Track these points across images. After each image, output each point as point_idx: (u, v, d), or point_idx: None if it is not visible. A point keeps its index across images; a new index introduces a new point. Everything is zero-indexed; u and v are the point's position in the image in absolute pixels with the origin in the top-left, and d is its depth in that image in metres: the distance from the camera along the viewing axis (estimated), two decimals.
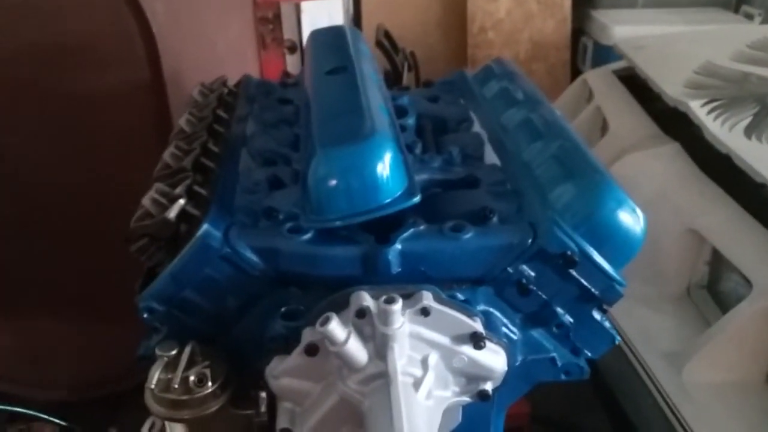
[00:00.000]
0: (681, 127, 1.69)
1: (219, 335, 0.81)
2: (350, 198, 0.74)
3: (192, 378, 0.75)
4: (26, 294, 1.68)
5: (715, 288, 1.49)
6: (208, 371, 0.76)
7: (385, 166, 0.75)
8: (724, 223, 1.40)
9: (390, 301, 0.69)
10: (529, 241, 0.76)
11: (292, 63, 2.57)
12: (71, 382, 1.79)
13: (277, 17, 2.50)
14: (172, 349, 0.76)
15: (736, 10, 3.17)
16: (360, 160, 0.74)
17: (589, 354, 0.86)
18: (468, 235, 0.76)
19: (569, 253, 0.76)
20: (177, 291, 0.77)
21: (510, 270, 0.78)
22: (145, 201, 0.81)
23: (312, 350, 0.72)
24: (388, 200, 0.75)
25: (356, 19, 3.12)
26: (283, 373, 0.74)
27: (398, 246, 0.75)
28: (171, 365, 0.76)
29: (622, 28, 2.90)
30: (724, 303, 1.45)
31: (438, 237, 0.77)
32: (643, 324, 1.45)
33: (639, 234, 0.80)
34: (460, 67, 3.22)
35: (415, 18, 3.15)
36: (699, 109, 1.60)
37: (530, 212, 0.80)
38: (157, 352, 0.76)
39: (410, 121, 0.99)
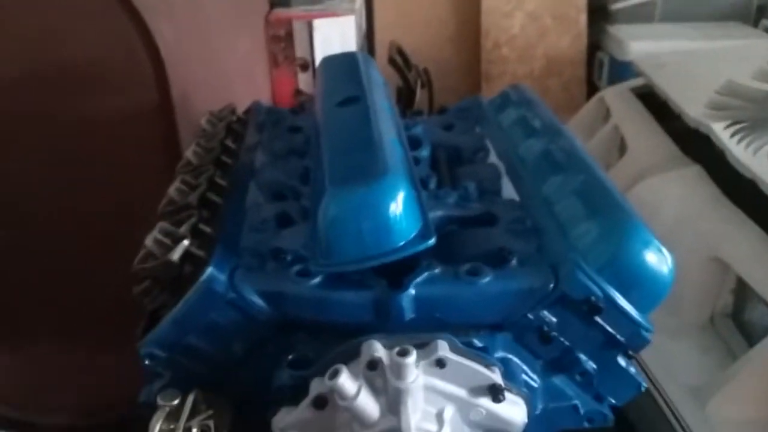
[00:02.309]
0: (702, 148, 1.64)
1: (224, 381, 0.78)
2: (362, 241, 0.70)
3: (195, 429, 0.71)
4: (30, 318, 1.65)
5: (740, 317, 1.43)
6: (211, 422, 0.72)
7: (398, 207, 0.71)
8: (749, 251, 1.35)
9: (403, 353, 0.65)
10: (551, 286, 0.72)
11: (304, 81, 2.55)
12: (77, 407, 1.75)
13: (289, 35, 2.48)
14: (175, 398, 0.73)
15: (755, 24, 3.11)
16: (373, 201, 0.70)
17: (613, 401, 0.82)
18: (486, 280, 0.72)
19: (593, 299, 0.72)
20: (180, 337, 0.74)
21: (530, 316, 0.73)
22: (148, 241, 0.78)
23: (320, 403, 0.68)
24: (402, 243, 0.71)
25: (369, 36, 3.09)
26: (291, 426, 0.70)
27: (412, 291, 0.72)
28: (173, 415, 0.72)
29: (638, 44, 2.84)
30: (749, 333, 1.40)
31: (454, 281, 0.73)
32: (665, 355, 1.40)
33: (667, 276, 0.76)
34: (474, 83, 3.18)
35: (429, 34, 3.12)
36: (722, 132, 1.55)
37: (551, 253, 0.76)
38: (159, 401, 0.73)
39: (424, 152, 0.96)
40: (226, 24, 1.93)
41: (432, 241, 0.72)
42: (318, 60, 2.51)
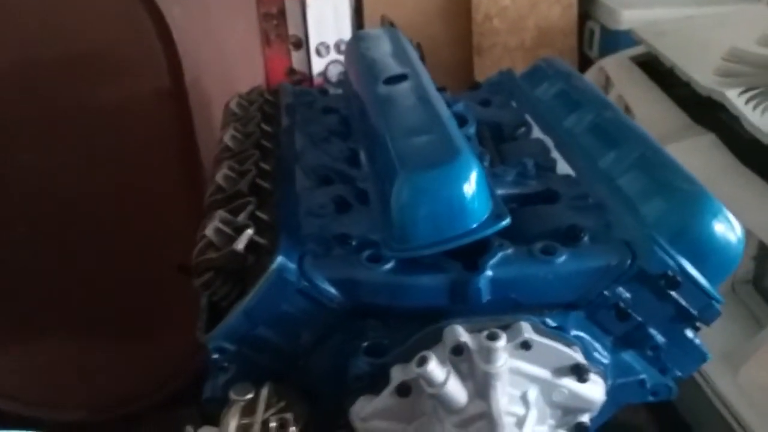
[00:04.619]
0: (713, 116, 1.64)
1: (291, 372, 0.76)
2: (438, 224, 0.68)
3: (273, 423, 0.69)
4: (41, 311, 1.62)
5: (762, 283, 1.45)
6: (290, 415, 0.70)
7: (472, 188, 0.69)
8: None
9: (493, 337, 0.64)
10: (628, 261, 0.71)
11: (297, 59, 2.50)
12: (88, 403, 1.73)
13: (282, 13, 2.42)
14: (248, 392, 0.71)
15: None
16: (448, 183, 0.68)
17: (679, 373, 0.81)
18: (561, 258, 0.71)
19: (671, 273, 0.71)
20: (250, 329, 0.72)
21: (606, 293, 0.73)
22: (208, 231, 0.75)
23: (404, 391, 0.67)
24: (477, 224, 0.70)
25: (358, 11, 3.04)
26: (372, 415, 0.69)
27: (489, 273, 0.70)
28: (247, 409, 0.71)
29: (630, 12, 2.83)
30: None
31: (529, 261, 0.71)
32: None
33: (738, 246, 0.76)
34: (466, 57, 3.14)
35: (417, 8, 3.07)
36: (736, 99, 1.55)
37: (622, 229, 0.75)
38: (232, 395, 0.71)
39: (471, 130, 0.93)
40: (224, 2, 1.88)
41: (507, 220, 0.70)
42: (312, 37, 2.47)
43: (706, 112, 1.67)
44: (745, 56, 1.79)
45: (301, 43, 2.48)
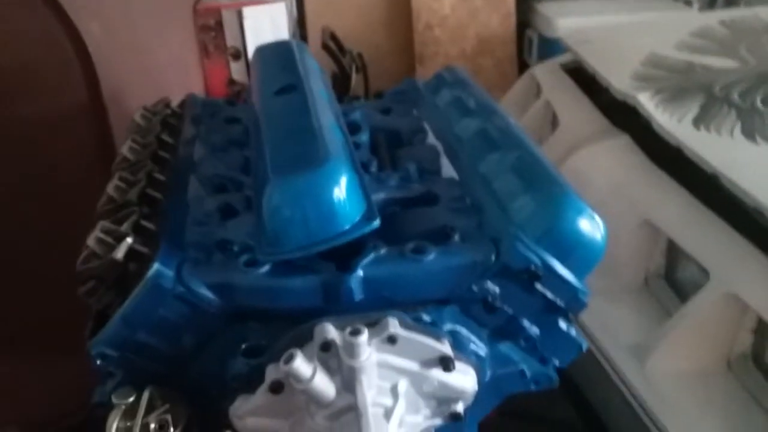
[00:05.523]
0: (630, 119, 1.70)
1: (177, 375, 0.78)
2: (308, 227, 0.72)
3: (153, 425, 0.72)
4: None
5: (673, 277, 1.50)
6: (169, 416, 0.72)
7: (342, 192, 0.72)
8: (678, 214, 1.41)
9: (355, 332, 0.67)
10: (493, 258, 0.75)
11: (236, 70, 2.52)
12: (23, 420, 1.71)
13: (219, 24, 2.44)
14: (129, 396, 0.73)
15: None
16: (316, 187, 0.72)
17: (558, 363, 0.85)
18: (430, 257, 0.74)
19: (533, 267, 0.75)
20: (130, 334, 0.74)
21: (475, 288, 0.76)
22: (90, 241, 0.77)
23: (277, 388, 0.69)
24: (348, 226, 0.73)
25: (300, 22, 3.08)
26: (249, 412, 0.71)
27: (360, 273, 0.73)
28: (129, 412, 0.73)
29: (565, 20, 2.91)
30: (681, 291, 1.47)
31: (400, 260, 0.75)
32: (603, 316, 1.45)
33: (600, 242, 0.80)
34: (409, 66, 3.19)
35: (360, 18, 3.12)
36: (647, 102, 1.61)
37: (491, 228, 0.79)
38: (114, 400, 0.73)
39: (364, 137, 0.97)
40: (155, 15, 1.89)
41: (376, 222, 0.74)
42: (250, 48, 2.49)
43: (624, 115, 1.73)
44: (660, 61, 1.86)
45: (240, 54, 2.50)
